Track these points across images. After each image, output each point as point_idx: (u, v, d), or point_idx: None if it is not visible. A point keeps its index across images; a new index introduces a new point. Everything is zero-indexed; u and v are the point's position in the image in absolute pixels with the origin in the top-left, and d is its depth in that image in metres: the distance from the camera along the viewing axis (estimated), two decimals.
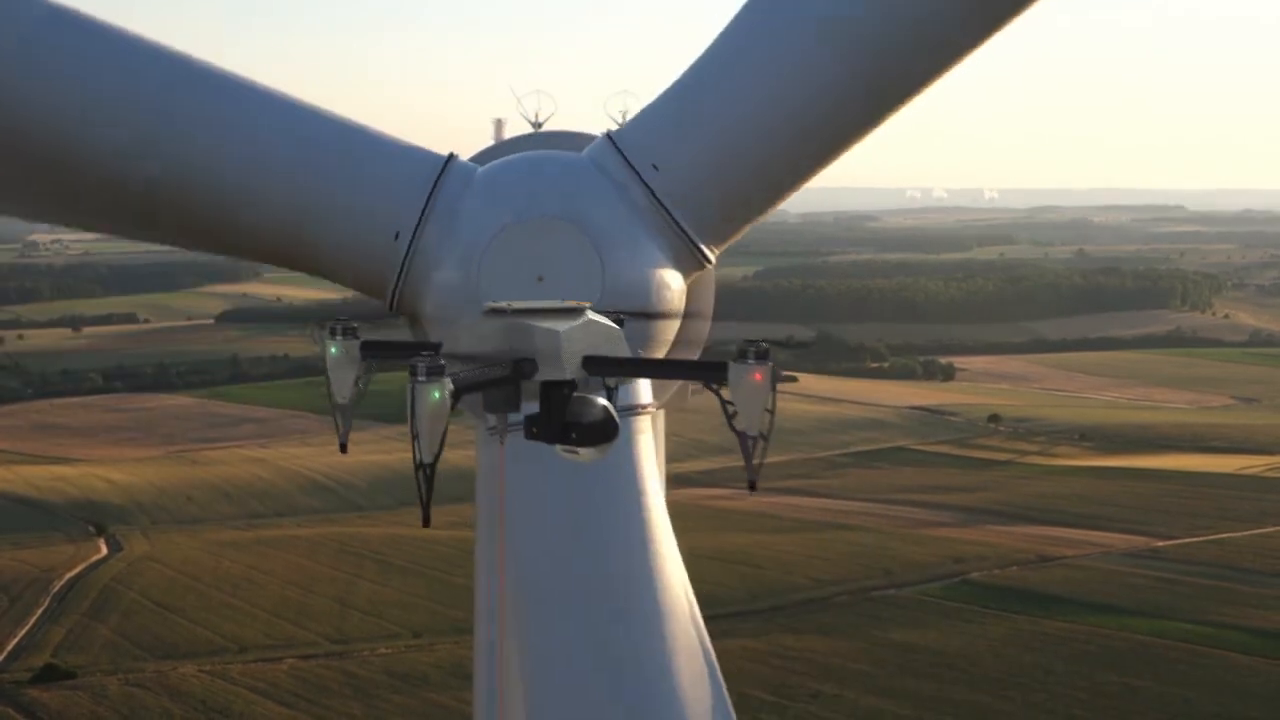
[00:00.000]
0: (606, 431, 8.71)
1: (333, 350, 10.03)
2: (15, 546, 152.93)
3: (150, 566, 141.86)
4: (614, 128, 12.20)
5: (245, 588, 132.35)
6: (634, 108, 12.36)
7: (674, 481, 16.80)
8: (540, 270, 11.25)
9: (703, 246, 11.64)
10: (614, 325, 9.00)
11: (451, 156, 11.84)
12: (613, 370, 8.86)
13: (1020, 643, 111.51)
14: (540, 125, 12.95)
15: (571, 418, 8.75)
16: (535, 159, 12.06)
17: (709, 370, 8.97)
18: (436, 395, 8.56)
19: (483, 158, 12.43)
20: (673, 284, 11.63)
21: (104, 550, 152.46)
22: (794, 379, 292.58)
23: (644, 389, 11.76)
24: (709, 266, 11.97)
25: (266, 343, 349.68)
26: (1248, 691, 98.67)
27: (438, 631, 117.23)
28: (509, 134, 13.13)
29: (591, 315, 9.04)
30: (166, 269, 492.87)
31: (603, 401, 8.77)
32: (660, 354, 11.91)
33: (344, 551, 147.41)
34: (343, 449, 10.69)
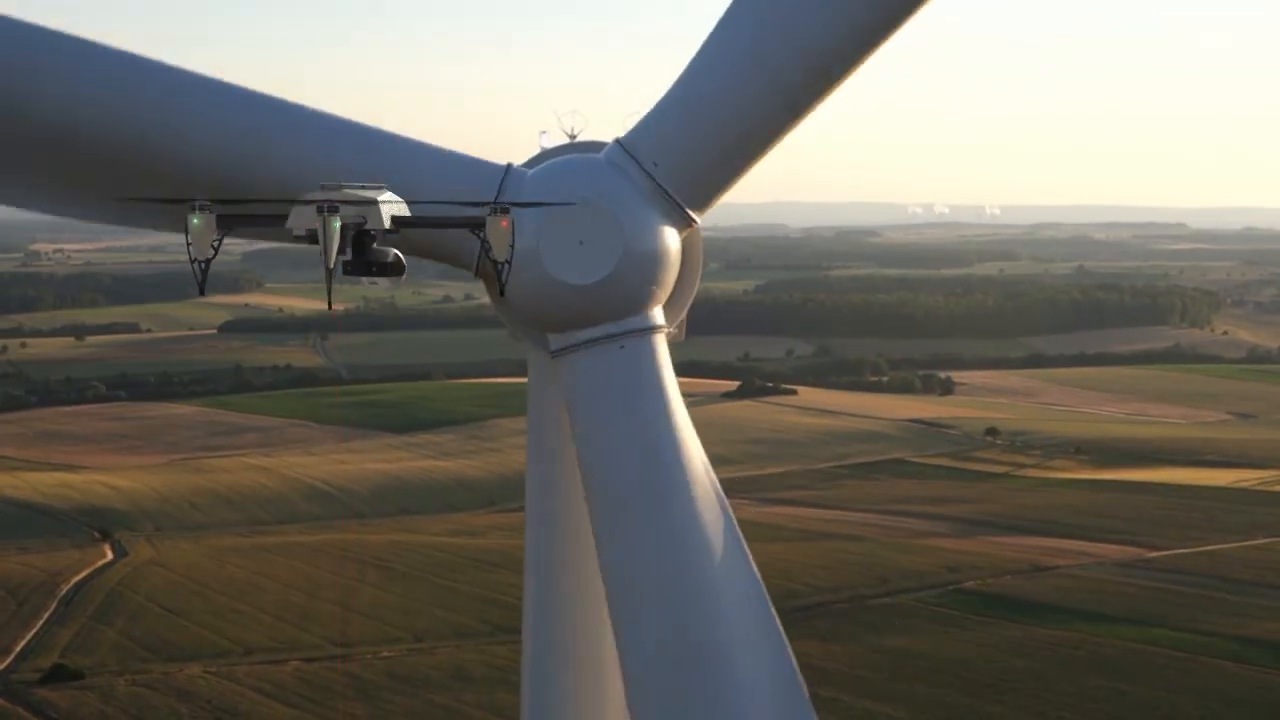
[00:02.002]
0: (396, 269, 13.28)
1: (195, 221, 13.04)
2: (21, 551, 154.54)
3: (155, 571, 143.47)
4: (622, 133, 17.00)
5: (249, 592, 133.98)
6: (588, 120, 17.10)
7: None
8: (581, 237, 15.90)
9: (690, 212, 16.69)
10: (401, 200, 13.56)
11: (509, 166, 16.56)
12: (407, 225, 13.35)
13: (1012, 649, 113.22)
14: (575, 136, 17.44)
15: (373, 258, 13.17)
16: (570, 162, 16.89)
17: (473, 221, 13.36)
18: (336, 223, 12.71)
19: (535, 162, 17.17)
20: (670, 241, 16.74)
21: (109, 555, 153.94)
22: (794, 392, 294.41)
23: (659, 312, 16.78)
24: (696, 224, 17.02)
25: (268, 352, 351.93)
26: (1234, 698, 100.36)
27: (439, 635, 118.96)
28: (550, 142, 17.68)
29: (388, 193, 13.38)
30: (169, 279, 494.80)
31: (394, 250, 13.25)
32: (665, 296, 16.89)
33: (346, 557, 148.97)
34: (201, 292, 13.93)
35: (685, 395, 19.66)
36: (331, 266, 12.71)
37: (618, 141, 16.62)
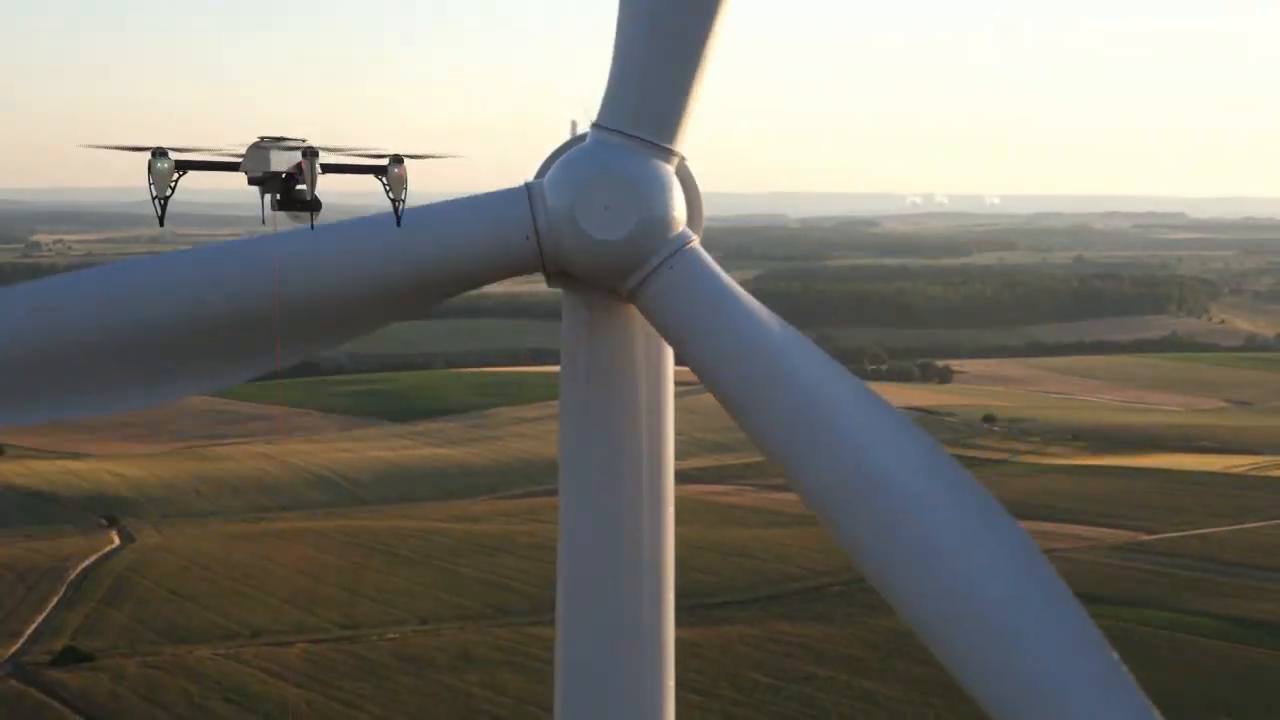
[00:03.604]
0: (315, 205, 16.23)
1: (159, 166, 15.79)
2: (29, 538, 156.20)
3: (162, 556, 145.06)
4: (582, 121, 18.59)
5: (256, 576, 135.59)
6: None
7: (675, 478, 20.17)
8: (608, 203, 17.44)
9: (668, 146, 17.87)
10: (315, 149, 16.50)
11: (527, 184, 18.02)
12: (327, 171, 16.28)
13: None
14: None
15: (297, 197, 16.19)
16: (572, 154, 18.13)
17: (377, 169, 16.13)
18: (319, 167, 15.71)
19: (563, 149, 18.49)
20: (673, 187, 17.92)
21: (116, 541, 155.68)
22: None
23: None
24: (679, 156, 18.13)
25: None
26: (1224, 676, 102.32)
27: (443, 618, 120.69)
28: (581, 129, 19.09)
29: (313, 147, 16.27)
30: None
31: (315, 193, 16.12)
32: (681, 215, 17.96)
33: (351, 543, 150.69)
34: (161, 224, 16.48)
35: (685, 384, 21.14)
36: (312, 197, 16.07)
37: (595, 125, 17.92)
